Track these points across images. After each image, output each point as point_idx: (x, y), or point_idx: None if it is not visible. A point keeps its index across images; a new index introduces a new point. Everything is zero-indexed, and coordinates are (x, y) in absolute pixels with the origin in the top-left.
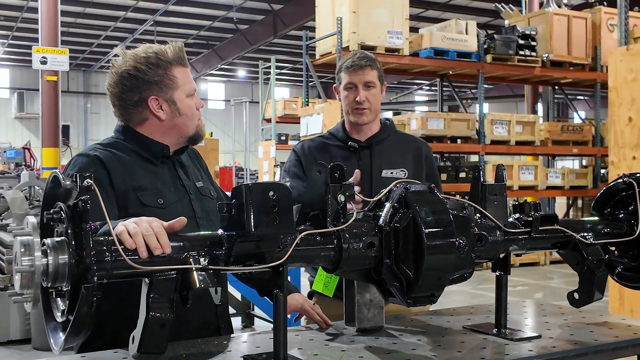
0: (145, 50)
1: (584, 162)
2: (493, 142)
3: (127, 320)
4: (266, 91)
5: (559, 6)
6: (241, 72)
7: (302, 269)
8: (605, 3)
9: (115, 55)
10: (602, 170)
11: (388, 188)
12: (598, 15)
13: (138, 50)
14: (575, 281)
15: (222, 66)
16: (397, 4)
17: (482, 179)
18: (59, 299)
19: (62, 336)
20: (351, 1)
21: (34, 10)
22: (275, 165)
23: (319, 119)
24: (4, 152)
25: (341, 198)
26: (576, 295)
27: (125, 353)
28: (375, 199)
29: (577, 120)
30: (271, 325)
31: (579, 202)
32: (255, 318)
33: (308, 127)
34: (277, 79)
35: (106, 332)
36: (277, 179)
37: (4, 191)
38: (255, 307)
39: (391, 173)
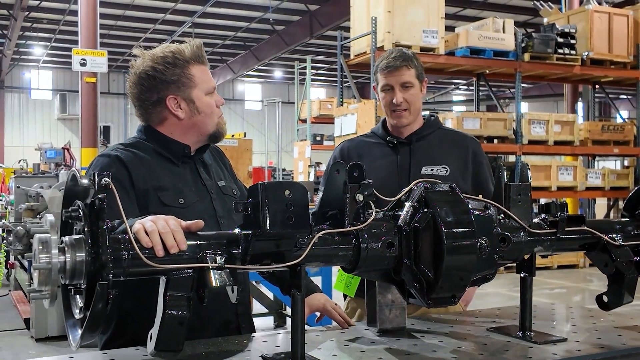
0: (162, 49)
1: (626, 163)
2: (531, 142)
3: (149, 318)
4: (302, 92)
5: (600, 3)
6: (278, 73)
7: (334, 270)
8: None
9: (135, 56)
10: None
11: (408, 187)
12: None
13: (156, 50)
14: None
15: (259, 67)
16: (432, 3)
17: (505, 179)
18: (77, 296)
19: (79, 332)
20: (386, 1)
21: (76, 13)
22: (310, 166)
23: (353, 119)
24: (45, 152)
25: (360, 197)
26: (605, 298)
27: (146, 350)
28: (395, 198)
29: (620, 120)
30: None
31: (620, 203)
32: (288, 318)
33: (342, 127)
34: (313, 80)
35: (129, 329)
36: (311, 179)
37: (43, 190)
38: (287, 307)
39: (431, 170)
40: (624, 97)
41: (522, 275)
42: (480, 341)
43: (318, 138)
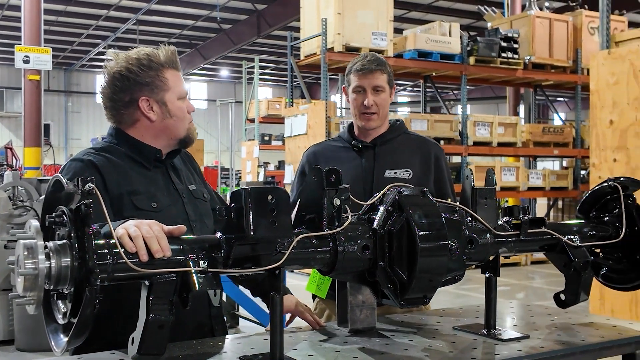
0: (137, 52)
1: (564, 164)
2: (476, 144)
3: (123, 321)
4: (249, 91)
5: (541, 9)
6: (224, 72)
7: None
8: (586, 6)
9: (109, 59)
10: (582, 172)
11: (382, 192)
12: (579, 19)
13: (130, 52)
14: (557, 281)
15: (205, 65)
16: (381, 6)
17: (472, 183)
18: (59, 301)
19: (62, 338)
20: (336, 3)
21: (15, 8)
22: (259, 166)
23: (303, 120)
24: None
25: (337, 202)
26: (563, 297)
27: (122, 354)
28: (369, 202)
29: (557, 122)
30: (256, 326)
31: (559, 203)
32: (240, 318)
33: (292, 128)
34: (260, 79)
35: (103, 333)
36: (261, 179)
37: None
38: (240, 308)
39: (394, 173)
40: (561, 99)
41: (487, 275)
42: (448, 339)
43: (266, 138)
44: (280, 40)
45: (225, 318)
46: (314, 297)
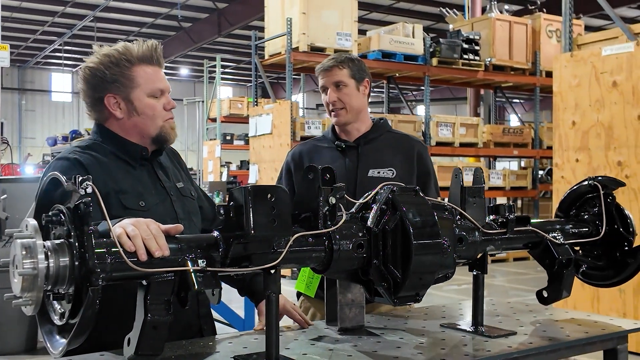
0: (111, 48)
1: (522, 164)
2: (438, 144)
3: (110, 322)
4: (210, 90)
5: (501, 12)
6: (184, 71)
7: None
8: (544, 10)
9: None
10: (540, 172)
11: (375, 190)
12: (538, 22)
13: (106, 47)
14: (517, 279)
15: (165, 64)
16: (346, 6)
17: (462, 182)
18: (55, 302)
19: (59, 339)
20: (301, 2)
21: None
22: (221, 165)
23: (268, 119)
24: None
25: (332, 200)
26: (545, 293)
27: (112, 356)
28: (361, 201)
29: (513, 122)
30: (227, 327)
31: (519, 202)
32: None
33: (257, 127)
34: (220, 78)
35: (90, 333)
36: (224, 179)
37: None
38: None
39: (378, 173)
40: (517, 100)
41: (474, 273)
42: (437, 337)
43: (228, 137)
44: (240, 39)
45: None
46: (298, 295)
